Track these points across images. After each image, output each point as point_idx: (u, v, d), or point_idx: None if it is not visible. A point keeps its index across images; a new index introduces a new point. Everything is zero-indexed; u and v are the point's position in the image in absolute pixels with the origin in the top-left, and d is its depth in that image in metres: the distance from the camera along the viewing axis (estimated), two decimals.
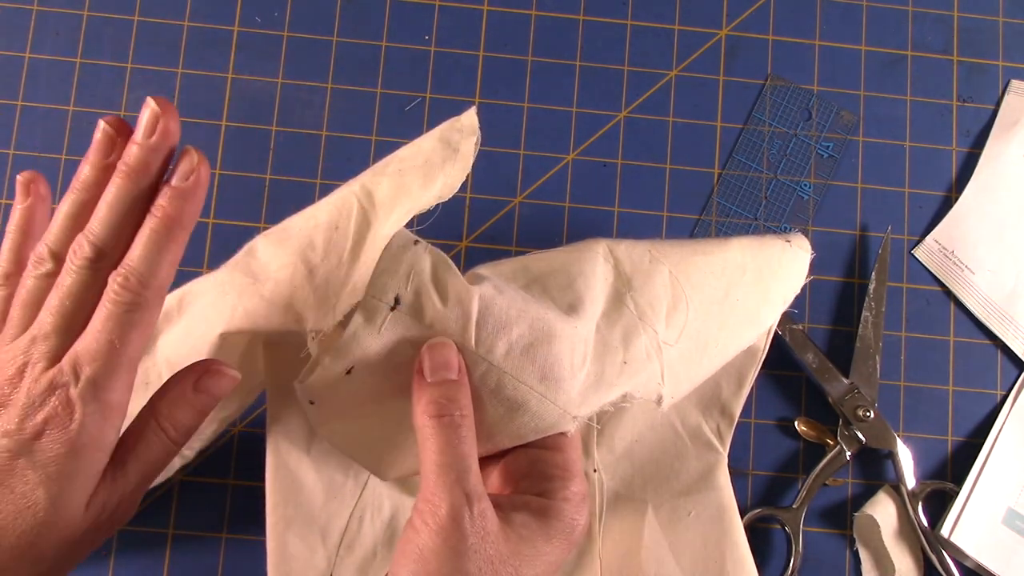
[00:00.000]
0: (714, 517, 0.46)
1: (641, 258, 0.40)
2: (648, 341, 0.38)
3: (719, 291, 0.41)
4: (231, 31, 0.54)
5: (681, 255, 0.41)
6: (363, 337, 0.33)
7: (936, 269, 0.53)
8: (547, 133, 0.54)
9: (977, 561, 0.48)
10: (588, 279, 0.38)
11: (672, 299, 0.40)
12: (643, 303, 0.39)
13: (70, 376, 0.31)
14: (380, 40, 0.54)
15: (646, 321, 0.39)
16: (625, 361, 0.38)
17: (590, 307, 0.37)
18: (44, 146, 0.52)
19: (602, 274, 0.39)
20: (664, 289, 0.40)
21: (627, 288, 0.39)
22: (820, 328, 0.53)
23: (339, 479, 0.44)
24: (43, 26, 0.53)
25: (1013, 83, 0.56)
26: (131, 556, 0.48)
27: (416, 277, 0.34)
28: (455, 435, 0.32)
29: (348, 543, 0.44)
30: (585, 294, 0.38)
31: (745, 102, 0.55)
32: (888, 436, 0.50)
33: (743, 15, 0.56)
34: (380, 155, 0.53)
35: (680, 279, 0.40)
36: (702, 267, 0.41)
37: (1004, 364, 0.53)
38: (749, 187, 0.54)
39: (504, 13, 0.55)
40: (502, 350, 0.35)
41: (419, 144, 0.40)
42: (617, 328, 0.38)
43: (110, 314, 0.31)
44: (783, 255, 0.44)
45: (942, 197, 0.55)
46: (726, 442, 0.47)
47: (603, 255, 0.40)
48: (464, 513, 0.31)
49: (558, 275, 0.38)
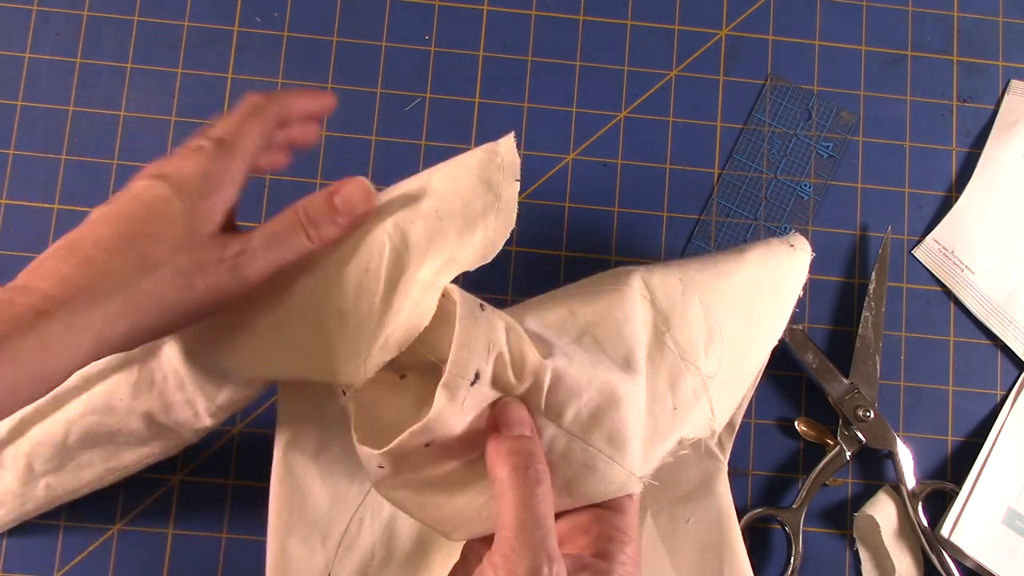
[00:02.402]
0: (713, 524, 0.46)
1: (674, 290, 0.40)
2: (693, 380, 0.39)
3: (744, 314, 0.42)
4: (231, 31, 0.54)
5: (706, 281, 0.41)
6: (447, 416, 0.33)
7: (936, 269, 0.53)
8: (547, 133, 0.54)
9: (977, 561, 0.48)
10: (632, 325, 0.38)
11: (707, 331, 0.40)
12: (683, 341, 0.39)
13: (202, 138, 0.36)
14: (380, 40, 0.54)
15: (688, 360, 0.39)
16: (675, 407, 0.38)
17: (640, 357, 0.38)
18: (44, 146, 0.52)
19: (642, 316, 0.39)
20: (699, 322, 0.40)
21: (666, 327, 0.39)
22: (820, 328, 0.53)
23: (344, 486, 0.44)
24: (43, 26, 0.53)
25: (1013, 83, 0.56)
26: (131, 556, 0.48)
27: (494, 349, 0.34)
28: (537, 491, 0.32)
29: (347, 544, 0.44)
30: (634, 343, 0.38)
31: (745, 102, 0.55)
32: (888, 436, 0.50)
33: (743, 15, 0.56)
34: (380, 155, 0.53)
35: (711, 308, 0.41)
36: (728, 292, 0.42)
37: (1004, 364, 0.53)
38: (749, 187, 0.54)
39: (504, 13, 0.55)
40: (571, 415, 0.35)
41: (456, 178, 0.38)
42: (662, 373, 0.38)
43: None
44: (789, 261, 0.45)
45: (942, 197, 0.55)
46: (727, 450, 0.47)
47: (639, 291, 0.40)
48: (542, 573, 0.31)
49: (605, 324, 0.38)
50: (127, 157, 0.52)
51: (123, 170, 0.52)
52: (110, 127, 0.53)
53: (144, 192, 0.35)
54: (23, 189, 0.52)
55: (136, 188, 0.35)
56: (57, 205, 0.52)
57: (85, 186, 0.52)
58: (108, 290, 0.32)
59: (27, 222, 0.51)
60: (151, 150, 0.53)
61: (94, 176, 0.52)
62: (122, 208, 0.34)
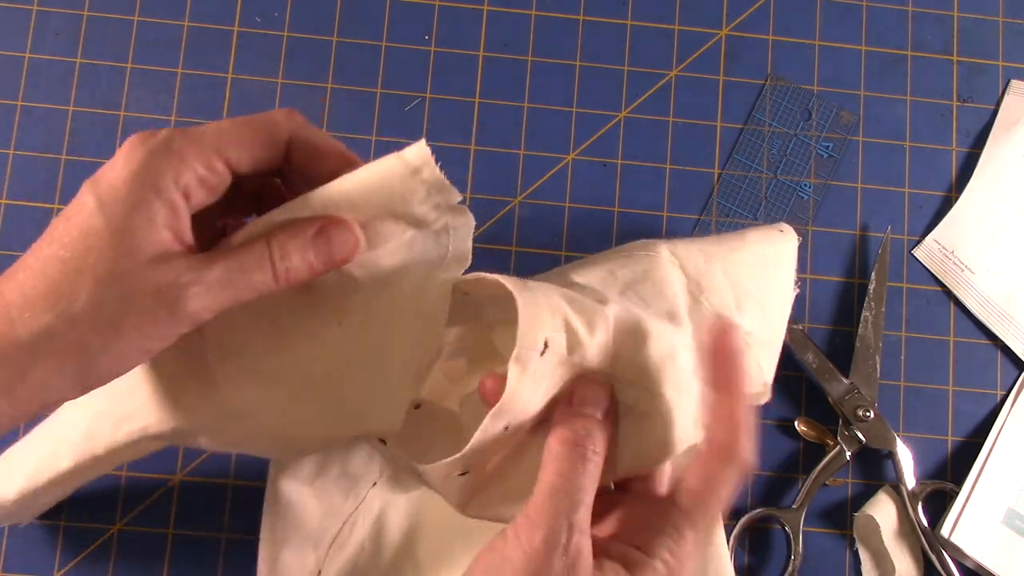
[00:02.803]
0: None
1: (698, 258, 0.40)
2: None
3: (762, 285, 0.42)
4: (231, 31, 0.54)
5: (722, 254, 0.41)
6: (521, 392, 0.32)
7: (936, 269, 0.53)
8: (547, 133, 0.54)
9: (977, 561, 0.48)
10: (672, 285, 0.38)
11: (735, 296, 0.40)
12: (717, 302, 0.39)
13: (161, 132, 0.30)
14: (380, 40, 0.54)
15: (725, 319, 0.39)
16: None
17: (684, 315, 0.37)
18: (44, 146, 0.52)
19: (677, 279, 0.39)
20: (726, 288, 0.40)
21: (699, 291, 0.39)
22: (820, 328, 0.53)
23: (338, 501, 0.44)
24: (43, 26, 0.53)
25: (1013, 83, 0.56)
26: (131, 556, 0.48)
27: (557, 314, 0.33)
28: (581, 466, 0.31)
29: (339, 544, 0.44)
30: (675, 301, 0.38)
31: (745, 102, 0.55)
32: (888, 436, 0.50)
33: (743, 15, 0.56)
34: (380, 155, 0.53)
35: (732, 276, 0.41)
36: (742, 264, 0.42)
37: (1004, 364, 0.53)
38: (749, 187, 0.54)
39: (504, 13, 0.55)
40: (638, 367, 0.34)
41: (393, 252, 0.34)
42: (704, 331, 0.38)
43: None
44: (783, 242, 0.45)
45: (942, 197, 0.55)
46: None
47: (668, 259, 0.40)
48: (559, 541, 0.30)
49: (646, 283, 0.38)
50: None
51: None
52: (110, 127, 0.53)
53: (75, 212, 0.29)
54: (23, 189, 0.52)
55: (71, 206, 0.30)
56: (57, 205, 0.52)
57: None
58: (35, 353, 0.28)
59: (27, 222, 0.51)
60: None
61: None
62: (53, 242, 0.30)
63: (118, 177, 0.29)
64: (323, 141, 0.33)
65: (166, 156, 0.29)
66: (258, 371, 0.34)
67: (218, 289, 0.30)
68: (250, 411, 0.34)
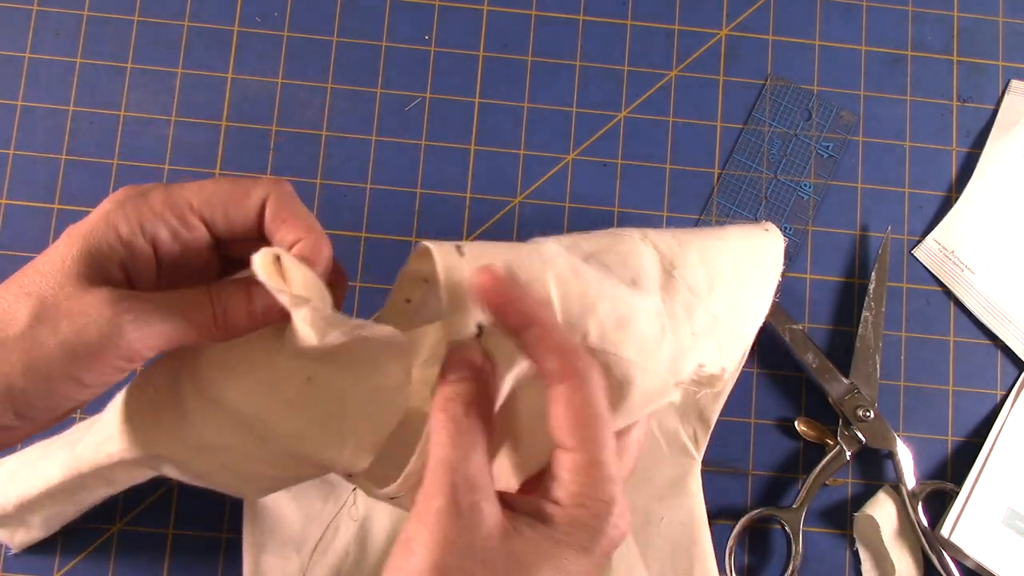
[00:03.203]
0: (685, 524, 0.46)
1: (671, 243, 0.40)
2: (704, 314, 0.39)
3: (735, 273, 0.42)
4: (231, 31, 0.54)
5: (699, 240, 0.41)
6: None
7: (936, 269, 0.53)
8: (547, 133, 0.54)
9: (977, 561, 0.48)
10: (638, 258, 0.38)
11: (707, 278, 0.40)
12: (690, 281, 0.39)
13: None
14: (380, 40, 0.54)
15: (698, 296, 0.39)
16: (694, 332, 0.38)
17: (648, 283, 0.38)
18: (44, 146, 0.52)
19: (647, 254, 0.39)
20: (699, 269, 0.40)
21: (672, 267, 0.39)
22: (820, 328, 0.53)
23: (318, 506, 0.44)
24: (43, 26, 0.53)
25: (1013, 83, 0.56)
26: (131, 556, 0.48)
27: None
28: (456, 432, 0.31)
29: (322, 549, 0.44)
30: (640, 271, 0.38)
31: (745, 102, 0.55)
32: (888, 436, 0.50)
33: (743, 15, 0.56)
34: (380, 155, 0.53)
35: (707, 262, 0.41)
36: (720, 251, 0.42)
37: (1004, 364, 0.53)
38: (749, 187, 0.54)
39: (504, 13, 0.55)
40: (595, 330, 0.34)
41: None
42: (678, 302, 0.38)
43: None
44: (767, 240, 0.45)
45: (942, 197, 0.55)
46: (701, 448, 0.47)
47: (640, 239, 0.40)
48: (455, 507, 0.30)
49: (611, 253, 0.38)
50: (127, 157, 0.52)
51: (123, 170, 0.52)
52: (110, 127, 0.53)
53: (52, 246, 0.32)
54: (23, 189, 0.52)
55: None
56: (57, 205, 0.52)
57: (85, 186, 0.52)
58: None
59: (27, 222, 0.51)
60: (151, 150, 0.53)
61: (94, 176, 0.52)
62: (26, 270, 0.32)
63: (91, 218, 0.31)
64: (296, 214, 0.34)
65: (139, 203, 0.31)
66: (229, 412, 0.34)
67: (156, 322, 0.31)
68: (219, 447, 0.34)
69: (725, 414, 0.51)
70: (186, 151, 0.53)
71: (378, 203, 0.52)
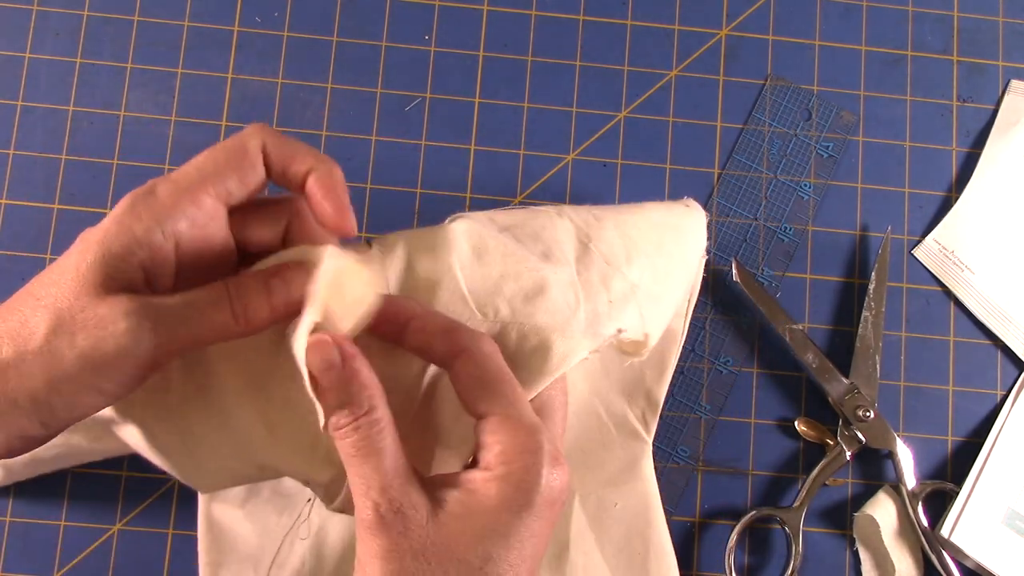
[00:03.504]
0: (638, 509, 0.46)
1: (587, 216, 0.41)
2: (622, 282, 0.39)
3: (654, 244, 0.42)
4: (231, 31, 0.54)
5: (614, 216, 0.42)
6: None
7: (936, 269, 0.53)
8: (547, 133, 0.54)
9: (977, 561, 0.48)
10: (551, 231, 0.39)
11: (625, 249, 0.41)
12: (606, 251, 0.40)
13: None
14: (380, 40, 0.54)
15: (614, 266, 0.40)
16: (611, 300, 0.39)
17: (561, 255, 0.39)
18: (44, 146, 0.52)
19: (562, 227, 0.40)
20: (616, 240, 0.41)
21: (587, 239, 0.40)
22: (820, 328, 0.53)
23: (272, 520, 0.45)
24: (43, 26, 0.53)
25: (1013, 83, 0.56)
26: (131, 556, 0.48)
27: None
28: (354, 444, 0.31)
29: (280, 563, 0.44)
30: (553, 244, 0.39)
31: (745, 102, 0.55)
32: (888, 436, 0.50)
33: (743, 15, 0.56)
34: (380, 155, 0.53)
35: (624, 233, 0.41)
36: (638, 225, 0.42)
37: (1004, 364, 0.53)
38: (749, 187, 0.54)
39: (504, 13, 0.55)
40: (505, 309, 0.36)
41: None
42: (594, 272, 0.39)
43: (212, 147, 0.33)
44: (688, 214, 0.45)
45: (942, 197, 0.55)
46: (651, 430, 0.47)
47: (555, 213, 0.41)
48: (374, 519, 0.30)
49: (524, 227, 0.39)
50: (127, 157, 0.52)
51: (123, 170, 0.52)
52: (110, 127, 0.53)
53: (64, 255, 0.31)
54: (23, 189, 0.52)
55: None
56: (57, 205, 0.52)
57: (85, 186, 0.52)
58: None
59: (27, 222, 0.51)
60: (151, 150, 0.53)
61: (94, 176, 0.52)
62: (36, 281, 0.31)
63: (104, 223, 0.30)
64: (296, 148, 0.33)
65: (149, 201, 0.31)
66: (212, 401, 0.34)
67: (175, 326, 0.30)
68: (190, 431, 0.34)
69: (725, 414, 0.51)
70: (186, 151, 0.52)
71: (378, 203, 0.52)
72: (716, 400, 0.51)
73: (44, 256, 0.51)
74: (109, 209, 0.52)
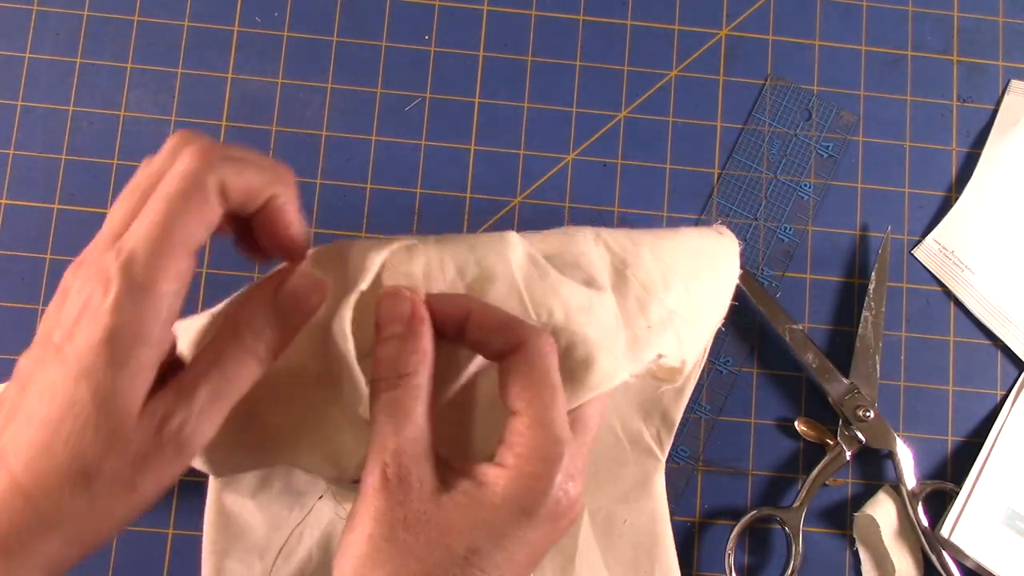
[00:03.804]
0: (647, 525, 0.46)
1: (624, 241, 0.41)
2: (659, 308, 0.39)
3: (690, 270, 0.42)
4: (231, 31, 0.54)
5: (652, 239, 0.42)
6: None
7: (936, 269, 0.53)
8: (547, 133, 0.54)
9: (977, 561, 0.48)
10: (589, 258, 0.39)
11: (661, 275, 0.41)
12: (643, 278, 0.40)
13: (111, 258, 0.27)
14: (380, 40, 0.54)
15: (651, 293, 0.40)
16: (649, 326, 0.38)
17: (601, 281, 0.38)
18: (44, 146, 0.52)
19: (598, 254, 0.40)
20: (653, 266, 0.41)
21: (623, 266, 0.40)
22: (820, 328, 0.53)
23: (284, 514, 0.45)
24: (43, 26, 0.53)
25: (1013, 83, 0.56)
26: (131, 556, 0.48)
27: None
28: (387, 403, 0.31)
29: (286, 554, 0.44)
30: (591, 270, 0.39)
31: (745, 102, 0.55)
32: (888, 436, 0.50)
33: (743, 15, 0.56)
34: (380, 155, 0.53)
35: (660, 258, 0.41)
36: (674, 250, 0.42)
37: (1004, 364, 0.53)
38: (749, 187, 0.54)
39: (504, 13, 0.55)
40: (560, 311, 0.35)
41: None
42: (631, 299, 0.39)
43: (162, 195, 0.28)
44: (721, 241, 0.45)
45: (942, 197, 0.55)
46: (665, 449, 0.47)
47: (592, 238, 0.40)
48: (379, 481, 0.30)
49: (564, 255, 0.39)
50: (127, 157, 0.52)
51: (123, 170, 0.52)
52: (110, 127, 0.53)
53: (39, 377, 0.27)
54: (23, 189, 0.52)
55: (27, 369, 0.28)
56: (57, 205, 0.52)
57: (85, 186, 0.52)
58: (48, 526, 0.27)
59: (27, 222, 0.51)
60: (151, 150, 0.52)
61: (94, 176, 0.52)
62: (32, 405, 0.27)
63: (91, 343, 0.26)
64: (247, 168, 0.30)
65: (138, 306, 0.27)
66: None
67: (211, 408, 0.29)
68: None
69: (725, 414, 0.51)
70: None
71: (378, 203, 0.52)
72: (716, 400, 0.51)
73: (44, 256, 0.51)
74: (109, 209, 0.52)
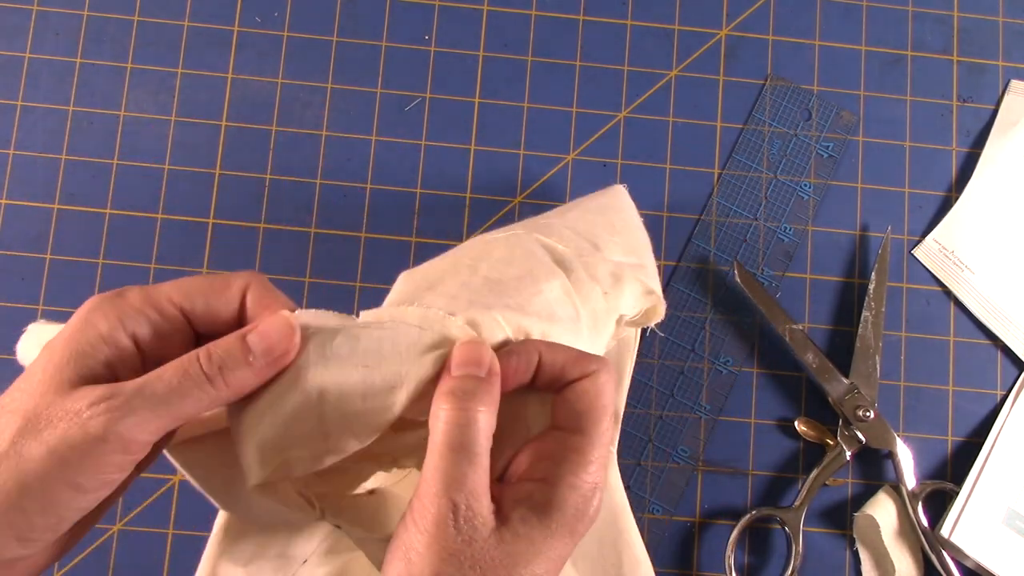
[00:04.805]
0: (608, 519, 0.46)
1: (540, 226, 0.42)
2: (606, 266, 0.40)
3: (606, 224, 0.43)
4: (231, 31, 0.54)
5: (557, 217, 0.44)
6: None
7: (936, 269, 0.53)
8: (547, 133, 0.54)
9: (977, 561, 0.48)
10: (535, 253, 0.40)
11: (589, 241, 0.42)
12: (575, 248, 0.41)
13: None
14: (380, 40, 0.54)
15: (591, 257, 0.40)
16: (606, 292, 0.39)
17: (549, 269, 0.39)
18: (44, 146, 0.52)
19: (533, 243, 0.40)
20: (573, 236, 0.42)
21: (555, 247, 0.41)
22: (820, 328, 0.53)
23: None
24: (43, 26, 0.53)
25: (1013, 83, 0.56)
26: (131, 556, 0.48)
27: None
28: (462, 433, 0.31)
29: None
30: (537, 266, 0.39)
31: (745, 102, 0.55)
32: (888, 436, 0.50)
33: (743, 15, 0.56)
34: (380, 155, 0.53)
35: (575, 227, 0.42)
36: (582, 217, 0.44)
37: (1004, 364, 0.53)
38: (749, 187, 0.54)
39: (504, 13, 0.55)
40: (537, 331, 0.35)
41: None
42: (580, 272, 0.40)
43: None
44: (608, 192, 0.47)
45: (942, 197, 0.55)
46: (614, 439, 0.47)
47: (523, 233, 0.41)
48: (448, 518, 0.30)
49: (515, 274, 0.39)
50: (127, 157, 0.52)
51: (123, 170, 0.52)
52: (110, 127, 0.53)
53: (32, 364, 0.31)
54: (23, 189, 0.52)
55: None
56: (57, 205, 0.52)
57: (85, 186, 0.52)
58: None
59: (27, 222, 0.51)
60: (151, 150, 0.53)
61: (94, 176, 0.52)
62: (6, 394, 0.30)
63: (69, 324, 0.30)
64: (277, 299, 0.33)
65: (116, 302, 0.31)
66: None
67: (150, 404, 0.29)
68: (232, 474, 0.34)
69: (725, 414, 0.51)
70: (186, 151, 0.53)
71: (378, 203, 0.52)
72: (716, 400, 0.51)
73: (44, 256, 0.51)
74: (109, 209, 0.52)
